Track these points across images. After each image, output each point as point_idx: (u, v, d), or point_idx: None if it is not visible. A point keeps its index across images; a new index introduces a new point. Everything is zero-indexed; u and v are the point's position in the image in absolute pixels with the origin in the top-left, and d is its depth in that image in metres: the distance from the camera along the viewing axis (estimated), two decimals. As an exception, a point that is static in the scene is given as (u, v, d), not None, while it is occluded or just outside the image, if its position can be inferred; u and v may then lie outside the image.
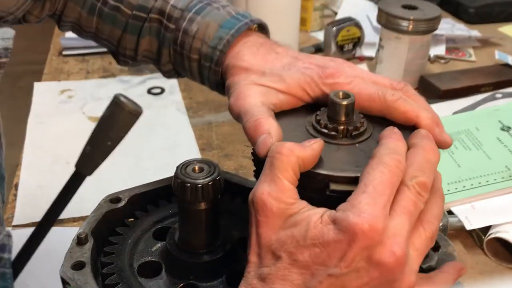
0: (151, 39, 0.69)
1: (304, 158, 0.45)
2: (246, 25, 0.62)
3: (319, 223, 0.42)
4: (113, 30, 0.70)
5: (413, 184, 0.43)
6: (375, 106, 0.52)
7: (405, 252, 0.41)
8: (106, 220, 0.56)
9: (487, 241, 0.79)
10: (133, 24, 0.69)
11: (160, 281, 0.51)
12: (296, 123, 0.52)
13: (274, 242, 0.43)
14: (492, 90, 1.23)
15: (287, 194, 0.43)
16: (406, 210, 0.43)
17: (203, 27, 0.63)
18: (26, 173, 0.98)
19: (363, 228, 0.40)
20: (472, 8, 1.64)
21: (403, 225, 0.42)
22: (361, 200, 0.41)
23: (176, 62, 0.68)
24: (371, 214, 0.40)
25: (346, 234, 0.40)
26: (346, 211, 0.41)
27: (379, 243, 0.41)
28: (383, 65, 1.27)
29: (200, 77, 0.66)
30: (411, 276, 0.42)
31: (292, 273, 0.42)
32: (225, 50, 0.61)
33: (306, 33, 1.57)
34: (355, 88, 0.53)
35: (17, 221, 0.86)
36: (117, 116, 0.44)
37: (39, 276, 0.76)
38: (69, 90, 1.26)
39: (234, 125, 1.12)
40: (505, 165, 0.90)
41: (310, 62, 0.56)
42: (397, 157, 0.44)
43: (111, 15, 0.69)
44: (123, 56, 0.73)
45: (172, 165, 0.51)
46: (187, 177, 0.49)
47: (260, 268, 0.43)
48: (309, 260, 0.41)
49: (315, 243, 0.41)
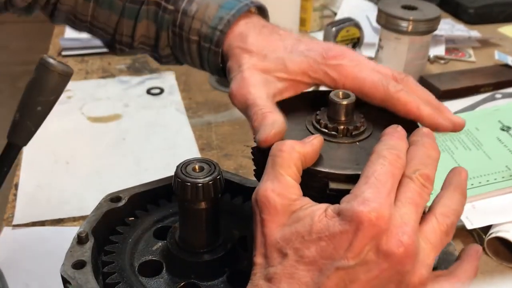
0: (149, 23, 0.67)
1: (305, 154, 0.45)
2: (247, 6, 0.61)
3: (324, 217, 0.41)
4: (110, 16, 0.69)
5: (416, 176, 0.43)
6: (377, 95, 0.52)
7: (414, 241, 0.40)
8: (107, 219, 0.56)
9: (487, 240, 0.79)
10: (130, 7, 0.67)
11: (161, 280, 0.51)
12: (297, 123, 0.52)
13: (279, 239, 0.42)
14: (491, 91, 1.23)
15: (290, 191, 0.43)
16: (412, 200, 0.42)
17: (203, 8, 0.62)
18: (26, 173, 0.98)
19: (369, 216, 0.39)
20: (471, 9, 1.65)
21: (409, 214, 0.41)
22: (364, 190, 0.41)
23: (175, 45, 0.66)
24: (376, 202, 0.40)
25: (352, 223, 0.40)
26: (350, 201, 0.41)
27: (386, 232, 0.40)
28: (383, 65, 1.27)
29: (199, 60, 0.65)
30: (422, 270, 0.41)
31: (299, 271, 0.41)
32: (226, 30, 0.60)
33: (306, 33, 1.57)
34: (360, 72, 0.52)
35: (17, 221, 0.86)
36: (46, 78, 0.42)
37: (39, 276, 0.76)
38: (68, 91, 1.26)
39: (233, 125, 1.13)
40: (505, 165, 0.90)
41: (313, 44, 0.56)
42: (396, 152, 0.44)
43: (108, 0, 0.68)
44: (120, 44, 0.71)
45: (171, 165, 0.51)
46: (187, 176, 0.49)
47: (266, 269, 0.43)
48: (316, 255, 0.40)
49: (321, 236, 0.40)
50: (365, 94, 0.52)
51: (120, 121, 1.15)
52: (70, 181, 0.96)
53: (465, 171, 0.47)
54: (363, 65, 0.53)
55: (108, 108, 1.19)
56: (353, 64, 0.53)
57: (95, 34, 0.74)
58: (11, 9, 0.71)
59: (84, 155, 1.03)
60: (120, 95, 1.23)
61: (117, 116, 1.16)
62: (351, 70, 0.53)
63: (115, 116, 1.16)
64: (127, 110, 1.18)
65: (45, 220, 0.86)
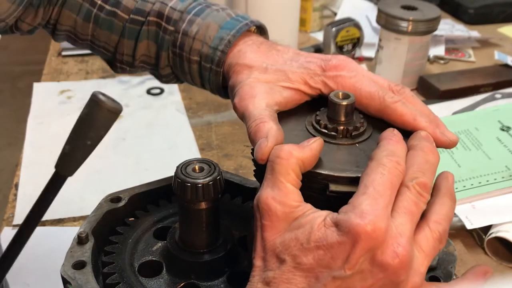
0: (149, 43, 0.68)
1: (303, 159, 0.45)
2: (247, 25, 0.62)
3: (322, 226, 0.42)
4: (110, 36, 0.69)
5: (413, 185, 0.43)
6: (373, 105, 0.52)
7: (409, 252, 0.41)
8: (107, 220, 0.56)
9: (487, 240, 0.79)
10: (130, 28, 0.68)
11: (161, 280, 0.51)
12: (296, 123, 0.52)
13: (279, 245, 0.43)
14: (491, 91, 1.23)
15: (291, 197, 0.43)
16: (408, 210, 0.42)
17: (203, 28, 0.63)
18: (26, 173, 0.98)
19: (366, 229, 0.40)
20: (471, 9, 1.65)
21: (405, 225, 0.42)
22: (362, 202, 0.41)
23: (175, 65, 0.67)
24: (373, 215, 0.40)
25: (349, 236, 0.40)
26: (347, 212, 0.41)
27: (382, 244, 0.40)
28: (383, 65, 1.27)
29: (200, 79, 0.65)
30: (415, 278, 0.42)
31: (297, 277, 0.42)
32: (226, 50, 0.61)
33: (306, 33, 1.57)
34: (357, 83, 0.53)
35: (17, 221, 0.86)
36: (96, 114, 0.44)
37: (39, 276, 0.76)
38: (69, 91, 1.26)
39: (233, 125, 1.13)
40: (505, 165, 0.90)
41: (312, 56, 0.57)
42: (396, 159, 0.44)
43: (108, 21, 0.68)
44: (120, 63, 0.72)
45: (172, 165, 0.51)
46: (187, 176, 0.49)
47: (264, 272, 0.43)
48: (313, 263, 0.41)
49: (319, 245, 0.41)
50: (362, 105, 0.53)
51: (120, 121, 1.15)
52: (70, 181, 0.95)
53: (451, 175, 0.48)
54: (360, 76, 0.54)
55: (108, 108, 1.19)
56: (351, 75, 0.54)
57: (96, 51, 0.74)
58: (16, 32, 0.73)
59: (84, 155, 1.03)
60: (120, 95, 1.23)
61: (117, 116, 1.16)
62: (348, 80, 0.53)
63: (115, 116, 1.16)
64: (127, 110, 1.19)
65: (45, 220, 0.86)
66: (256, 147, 0.47)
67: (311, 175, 0.46)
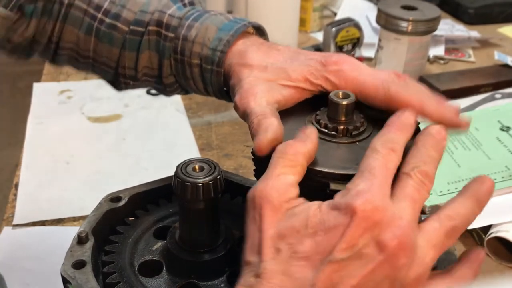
0: (151, 53, 0.67)
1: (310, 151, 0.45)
2: (245, 26, 0.62)
3: (318, 212, 0.41)
4: (111, 50, 0.69)
5: (415, 173, 0.43)
6: (378, 96, 0.52)
7: (409, 235, 0.40)
8: (107, 219, 0.56)
9: (487, 240, 0.79)
10: (131, 39, 0.67)
11: (161, 280, 0.51)
12: (296, 123, 0.52)
13: (274, 235, 0.42)
14: (491, 91, 1.23)
15: (289, 189, 0.43)
16: (409, 196, 0.42)
17: (202, 31, 0.63)
18: (26, 173, 0.98)
19: (362, 206, 0.39)
20: (471, 9, 1.65)
21: (406, 209, 0.41)
22: (358, 183, 0.41)
23: (178, 72, 0.67)
24: (369, 192, 0.40)
25: (346, 216, 0.40)
26: (344, 195, 0.41)
27: (380, 225, 0.40)
28: (382, 65, 1.27)
29: (203, 83, 0.65)
30: (419, 268, 0.41)
31: (293, 266, 0.40)
32: (226, 50, 0.61)
33: (306, 33, 1.57)
34: (360, 76, 0.53)
35: (17, 221, 0.86)
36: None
37: (39, 276, 0.76)
38: (69, 91, 1.26)
39: (234, 125, 1.13)
40: (505, 165, 0.90)
41: (312, 54, 0.57)
42: (391, 145, 0.44)
43: (108, 34, 0.68)
44: (123, 77, 0.71)
45: (171, 165, 0.51)
46: (187, 176, 0.49)
47: (257, 265, 0.42)
48: (310, 250, 0.40)
49: (316, 231, 0.40)
50: (367, 96, 0.52)
51: (120, 121, 1.15)
52: (70, 181, 0.96)
53: (489, 181, 0.46)
54: (362, 69, 0.54)
55: (108, 108, 1.19)
56: (353, 68, 0.54)
57: (98, 71, 0.73)
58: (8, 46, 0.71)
59: (84, 155, 1.03)
60: (120, 95, 1.23)
61: (117, 116, 1.17)
62: (350, 74, 0.53)
63: (115, 116, 1.17)
64: (127, 110, 1.19)
65: (45, 220, 0.86)
66: (256, 140, 0.48)
67: (311, 173, 0.46)
